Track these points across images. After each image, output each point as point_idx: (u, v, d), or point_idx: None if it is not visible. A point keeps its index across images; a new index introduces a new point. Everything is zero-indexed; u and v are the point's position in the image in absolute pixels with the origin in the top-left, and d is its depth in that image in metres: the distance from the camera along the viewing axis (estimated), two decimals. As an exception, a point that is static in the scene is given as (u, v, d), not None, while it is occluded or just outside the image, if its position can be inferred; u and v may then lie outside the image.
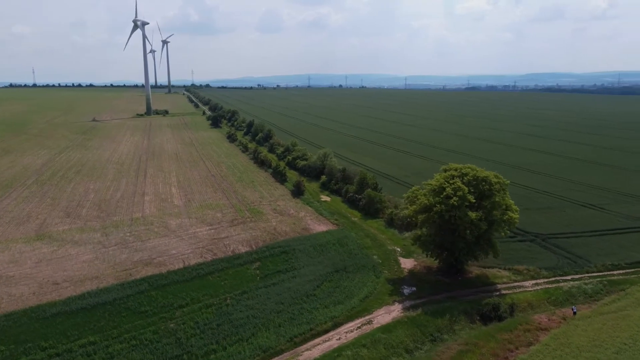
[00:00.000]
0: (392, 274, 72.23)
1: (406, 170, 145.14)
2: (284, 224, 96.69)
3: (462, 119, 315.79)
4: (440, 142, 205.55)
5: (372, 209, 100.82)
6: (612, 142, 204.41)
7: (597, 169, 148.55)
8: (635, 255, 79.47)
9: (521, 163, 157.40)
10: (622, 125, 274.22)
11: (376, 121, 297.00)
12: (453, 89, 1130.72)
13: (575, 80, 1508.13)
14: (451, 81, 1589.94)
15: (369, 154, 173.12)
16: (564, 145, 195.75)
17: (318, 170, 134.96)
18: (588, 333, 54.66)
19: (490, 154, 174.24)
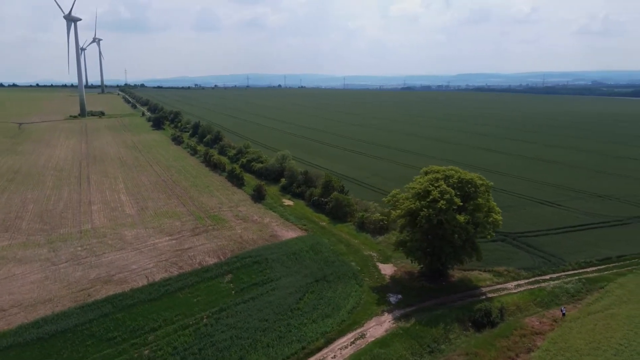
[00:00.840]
0: (374, 282, 69.41)
1: (365, 171, 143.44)
2: (250, 232, 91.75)
3: (410, 118, 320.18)
4: (392, 142, 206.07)
5: (340, 213, 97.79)
6: (554, 140, 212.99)
7: (546, 167, 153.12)
8: (604, 251, 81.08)
9: (475, 162, 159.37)
10: (560, 123, 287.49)
11: (324, 121, 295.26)
12: (389, 88, 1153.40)
13: (502, 80, 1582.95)
14: (387, 81, 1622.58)
15: (323, 155, 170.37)
16: (511, 144, 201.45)
17: (277, 173, 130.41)
18: (583, 335, 54.19)
19: (444, 153, 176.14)
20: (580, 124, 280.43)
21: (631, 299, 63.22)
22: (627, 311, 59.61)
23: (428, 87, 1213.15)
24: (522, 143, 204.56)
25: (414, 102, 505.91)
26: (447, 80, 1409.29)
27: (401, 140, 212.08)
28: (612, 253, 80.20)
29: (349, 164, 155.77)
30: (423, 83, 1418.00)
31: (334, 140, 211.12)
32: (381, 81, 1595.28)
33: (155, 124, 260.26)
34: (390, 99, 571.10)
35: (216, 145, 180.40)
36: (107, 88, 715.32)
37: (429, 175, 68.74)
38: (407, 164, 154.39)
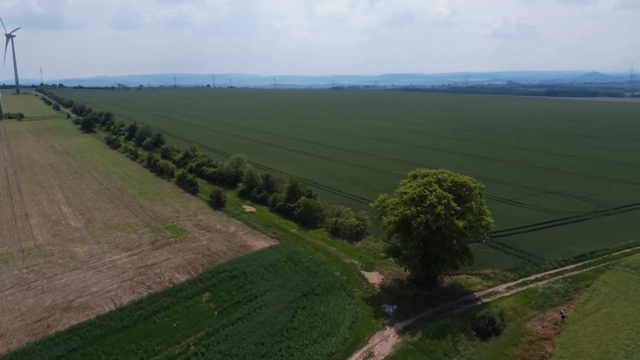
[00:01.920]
0: (365, 292, 65.91)
1: (319, 172, 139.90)
2: (217, 242, 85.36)
3: (347, 118, 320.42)
4: (337, 142, 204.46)
5: (310, 219, 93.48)
6: (491, 139, 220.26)
7: (492, 165, 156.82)
8: (575, 248, 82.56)
9: (422, 161, 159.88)
10: (491, 121, 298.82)
11: (263, 122, 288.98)
12: (318, 88, 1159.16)
13: (426, 80, 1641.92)
14: (316, 81, 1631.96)
15: (271, 157, 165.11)
16: (451, 142, 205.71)
17: (232, 178, 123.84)
18: (589, 338, 53.62)
19: (389, 153, 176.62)
20: (509, 122, 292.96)
21: (619, 296, 63.96)
22: (620, 309, 60.04)
23: (356, 87, 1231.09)
24: (462, 142, 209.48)
25: (349, 102, 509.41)
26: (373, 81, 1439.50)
27: (345, 140, 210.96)
28: (583, 250, 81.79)
29: (300, 165, 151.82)
30: (351, 83, 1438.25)
31: (279, 141, 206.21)
32: (310, 81, 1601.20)
33: (85, 126, 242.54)
34: (325, 99, 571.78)
35: (157, 149, 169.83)
36: (22, 88, 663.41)
37: (418, 179, 66.07)
38: (358, 165, 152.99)
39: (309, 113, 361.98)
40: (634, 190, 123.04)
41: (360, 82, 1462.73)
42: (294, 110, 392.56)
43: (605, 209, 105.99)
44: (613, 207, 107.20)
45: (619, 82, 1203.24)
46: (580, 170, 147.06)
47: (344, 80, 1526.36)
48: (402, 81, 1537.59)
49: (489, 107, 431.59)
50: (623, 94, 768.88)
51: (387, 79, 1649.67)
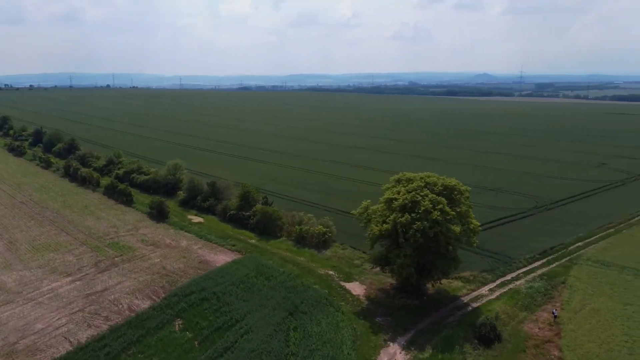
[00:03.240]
0: (352, 306, 61.93)
1: (259, 177, 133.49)
2: (172, 260, 77.02)
3: (266, 118, 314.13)
4: (264, 143, 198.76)
5: (269, 228, 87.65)
6: (414, 137, 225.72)
7: (424, 163, 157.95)
8: (535, 244, 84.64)
9: (358, 162, 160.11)
10: (407, 120, 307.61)
11: (181, 123, 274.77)
12: (225, 89, 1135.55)
13: (332, 81, 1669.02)
14: (222, 81, 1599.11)
15: (202, 161, 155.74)
16: (379, 142, 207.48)
17: (169, 186, 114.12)
18: (589, 337, 53.88)
19: (321, 153, 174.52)
20: (429, 122, 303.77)
21: (595, 291, 65.54)
22: (603, 305, 61.36)
23: (263, 87, 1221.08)
24: (389, 141, 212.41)
25: (262, 102, 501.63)
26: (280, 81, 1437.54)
27: (273, 141, 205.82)
28: (543, 246, 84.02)
29: (233, 169, 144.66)
30: (258, 83, 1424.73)
31: (203, 144, 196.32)
32: (216, 81, 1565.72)
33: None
34: (236, 99, 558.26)
35: (73, 156, 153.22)
36: None
37: (404, 184, 63.19)
38: (296, 167, 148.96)
39: (225, 113, 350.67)
40: (562, 184, 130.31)
41: (267, 82, 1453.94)
42: (208, 110, 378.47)
43: (544, 204, 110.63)
44: (551, 202, 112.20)
45: (507, 82, 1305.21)
46: (508, 167, 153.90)
47: (251, 81, 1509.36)
48: (309, 81, 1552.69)
49: (402, 107, 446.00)
50: (513, 94, 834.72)
51: (294, 79, 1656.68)
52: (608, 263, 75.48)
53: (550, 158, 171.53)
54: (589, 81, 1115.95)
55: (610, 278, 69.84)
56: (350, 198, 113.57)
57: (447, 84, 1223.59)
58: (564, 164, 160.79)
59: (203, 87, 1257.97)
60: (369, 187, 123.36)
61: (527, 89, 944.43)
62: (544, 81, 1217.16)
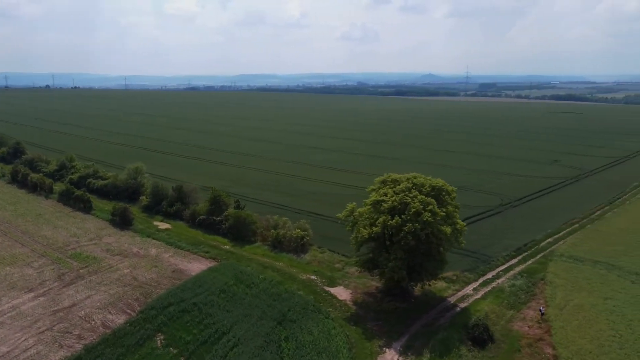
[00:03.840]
0: (341, 312, 60.26)
1: (222, 179, 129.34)
2: (143, 270, 72.79)
3: (220, 119, 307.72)
4: (223, 144, 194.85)
5: (243, 233, 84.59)
6: (370, 137, 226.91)
7: (384, 162, 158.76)
8: (509, 242, 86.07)
9: (320, 162, 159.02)
10: (369, 120, 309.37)
11: (133, 125, 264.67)
12: (173, 88, 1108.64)
13: (280, 81, 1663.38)
14: (169, 81, 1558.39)
15: (160, 164, 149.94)
16: (338, 142, 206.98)
17: (130, 191, 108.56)
18: (579, 334, 54.58)
19: (281, 154, 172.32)
20: (384, 122, 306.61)
21: (575, 287, 66.85)
22: (585, 300, 62.55)
23: (211, 87, 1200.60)
24: (347, 141, 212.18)
25: (212, 103, 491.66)
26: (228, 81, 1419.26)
27: (230, 142, 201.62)
28: (517, 243, 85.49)
29: (194, 172, 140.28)
30: (206, 83, 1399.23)
31: (160, 146, 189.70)
32: (163, 81, 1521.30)
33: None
34: (186, 100, 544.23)
35: (19, 161, 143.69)
36: None
37: (390, 185, 62.04)
38: (259, 169, 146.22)
39: (175, 114, 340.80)
40: (521, 181, 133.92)
41: (215, 82, 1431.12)
42: (158, 111, 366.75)
43: (509, 201, 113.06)
44: (515, 199, 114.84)
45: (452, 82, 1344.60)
46: (468, 165, 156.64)
47: (198, 81, 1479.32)
48: (257, 81, 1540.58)
49: (356, 107, 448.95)
50: (459, 93, 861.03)
51: (243, 80, 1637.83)
52: (580, 258, 77.46)
53: (505, 156, 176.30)
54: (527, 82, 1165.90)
55: (585, 273, 71.54)
56: (318, 200, 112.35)
57: (395, 84, 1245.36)
58: (519, 162, 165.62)
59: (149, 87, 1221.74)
60: (335, 188, 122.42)
61: (471, 89, 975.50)
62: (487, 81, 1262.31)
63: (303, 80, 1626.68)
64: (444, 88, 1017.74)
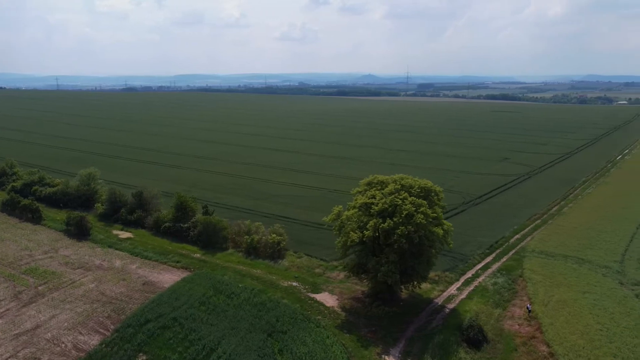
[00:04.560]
0: (331, 319, 58.16)
1: (179, 184, 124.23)
2: (110, 284, 67.65)
3: (163, 120, 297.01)
4: (171, 147, 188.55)
5: (213, 240, 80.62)
6: (328, 137, 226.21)
7: (342, 163, 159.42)
8: (481, 239, 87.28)
9: (273, 162, 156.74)
10: (316, 120, 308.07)
11: (73, 128, 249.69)
12: (108, 89, 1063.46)
13: (221, 81, 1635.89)
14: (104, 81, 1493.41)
15: (111, 169, 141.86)
16: (292, 143, 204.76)
17: (84, 198, 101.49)
18: (569, 329, 55.30)
19: (236, 156, 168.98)
20: (328, 121, 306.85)
21: (553, 282, 68.13)
22: (567, 296, 63.75)
23: (149, 87, 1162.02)
24: (300, 141, 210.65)
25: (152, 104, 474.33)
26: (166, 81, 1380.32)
27: (181, 144, 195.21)
28: (489, 240, 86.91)
29: (148, 176, 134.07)
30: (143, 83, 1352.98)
31: (106, 149, 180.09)
32: (97, 81, 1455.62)
33: None
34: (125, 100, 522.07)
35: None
36: None
37: (377, 187, 60.61)
38: (216, 172, 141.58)
39: (117, 115, 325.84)
40: (478, 179, 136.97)
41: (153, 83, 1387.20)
42: (98, 112, 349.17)
43: (471, 199, 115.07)
44: (476, 197, 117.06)
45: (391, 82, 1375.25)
46: (424, 164, 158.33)
47: (135, 81, 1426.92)
48: (197, 82, 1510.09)
49: (302, 107, 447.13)
50: (399, 94, 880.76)
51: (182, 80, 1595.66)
52: (551, 254, 79.45)
53: (457, 154, 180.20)
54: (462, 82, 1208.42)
55: (559, 268, 73.28)
56: (284, 202, 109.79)
57: (336, 84, 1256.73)
58: (472, 160, 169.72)
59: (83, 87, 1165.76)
60: (298, 190, 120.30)
61: (411, 89, 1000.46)
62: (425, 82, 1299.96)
63: (244, 80, 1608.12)
64: (384, 88, 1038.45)
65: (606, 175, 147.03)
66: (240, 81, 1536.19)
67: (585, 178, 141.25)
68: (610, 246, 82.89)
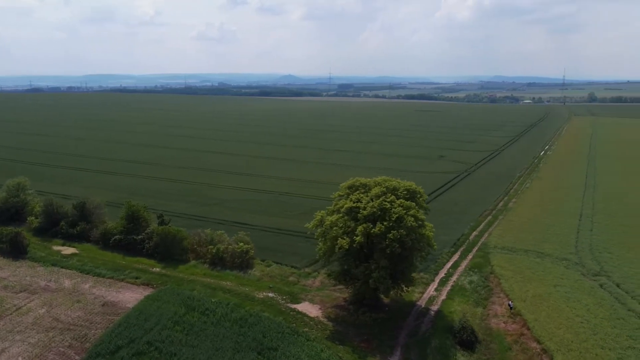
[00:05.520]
0: (319, 331, 55.34)
1: (117, 192, 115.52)
2: (64, 307, 60.59)
3: (88, 123, 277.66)
4: (100, 152, 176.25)
5: (172, 251, 74.81)
6: (267, 139, 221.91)
7: (285, 165, 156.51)
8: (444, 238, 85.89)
9: (213, 166, 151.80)
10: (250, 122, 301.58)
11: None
12: (10, 90, 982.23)
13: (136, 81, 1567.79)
14: (5, 82, 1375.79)
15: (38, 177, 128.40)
16: (229, 145, 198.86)
17: (13, 211, 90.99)
18: (553, 324, 56.32)
19: (174, 160, 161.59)
20: (259, 121, 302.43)
21: (524, 277, 69.66)
22: (541, 291, 65.26)
23: (57, 88, 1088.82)
24: (236, 143, 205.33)
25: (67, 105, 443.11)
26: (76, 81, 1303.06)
27: (110, 149, 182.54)
28: (451, 238, 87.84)
29: (82, 184, 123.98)
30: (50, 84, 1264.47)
31: (26, 156, 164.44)
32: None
33: None
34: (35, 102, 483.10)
35: None
36: None
37: (361, 190, 58.57)
38: (155, 177, 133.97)
39: (36, 118, 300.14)
40: (422, 177, 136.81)
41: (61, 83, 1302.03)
42: (6, 115, 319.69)
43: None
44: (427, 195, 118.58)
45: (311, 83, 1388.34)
46: (363, 164, 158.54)
47: (42, 81, 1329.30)
48: (111, 82, 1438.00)
49: (228, 108, 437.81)
50: (321, 94, 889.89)
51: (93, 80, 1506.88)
52: (512, 249, 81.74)
53: (393, 153, 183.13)
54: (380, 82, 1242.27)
55: (524, 263, 75.34)
56: (236, 207, 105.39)
57: (256, 84, 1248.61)
58: (410, 158, 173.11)
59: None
60: (249, 194, 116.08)
61: (332, 90, 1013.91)
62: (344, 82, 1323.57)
63: (160, 80, 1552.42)
64: (306, 89, 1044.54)
65: (536, 170, 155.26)
66: (157, 81, 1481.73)
67: (519, 173, 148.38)
68: (561, 239, 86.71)
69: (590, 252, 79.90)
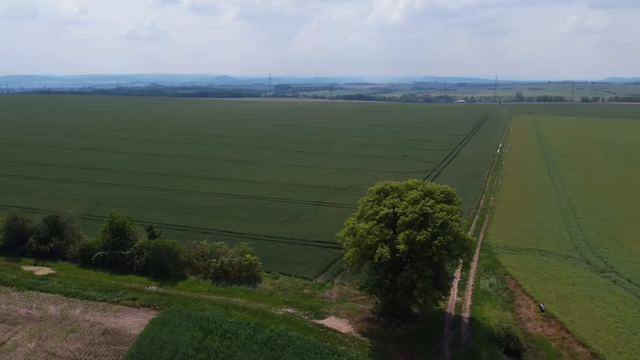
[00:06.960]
0: (359, 349, 50.96)
1: (80, 201, 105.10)
2: (58, 339, 52.58)
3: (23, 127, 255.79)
4: (48, 158, 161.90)
5: (167, 267, 67.65)
6: (222, 141, 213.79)
7: (253, 168, 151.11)
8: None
9: (173, 170, 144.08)
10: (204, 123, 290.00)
11: None
12: None
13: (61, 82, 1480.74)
14: None
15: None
16: (189, 148, 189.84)
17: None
18: (592, 325, 55.39)
19: (129, 165, 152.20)
20: (208, 123, 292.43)
21: (539, 277, 68.89)
22: (562, 290, 64.54)
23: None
24: (194, 146, 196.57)
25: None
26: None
27: (56, 155, 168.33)
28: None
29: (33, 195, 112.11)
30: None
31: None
32: None
33: None
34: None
35: None
36: None
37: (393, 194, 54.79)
38: (117, 184, 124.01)
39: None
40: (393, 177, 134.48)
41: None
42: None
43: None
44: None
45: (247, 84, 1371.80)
46: (330, 165, 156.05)
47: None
48: (33, 83, 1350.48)
49: (170, 110, 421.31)
50: (260, 95, 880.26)
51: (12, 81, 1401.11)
52: (514, 248, 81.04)
53: (356, 153, 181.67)
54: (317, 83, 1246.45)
55: (533, 262, 74.67)
56: (216, 215, 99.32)
57: (190, 85, 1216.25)
58: (375, 158, 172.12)
59: None
60: (224, 200, 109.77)
61: (269, 91, 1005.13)
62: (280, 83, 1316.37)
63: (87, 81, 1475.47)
64: (243, 89, 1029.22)
65: (500, 168, 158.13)
66: (84, 82, 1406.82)
67: (487, 171, 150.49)
68: (556, 236, 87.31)
69: (589, 248, 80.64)
